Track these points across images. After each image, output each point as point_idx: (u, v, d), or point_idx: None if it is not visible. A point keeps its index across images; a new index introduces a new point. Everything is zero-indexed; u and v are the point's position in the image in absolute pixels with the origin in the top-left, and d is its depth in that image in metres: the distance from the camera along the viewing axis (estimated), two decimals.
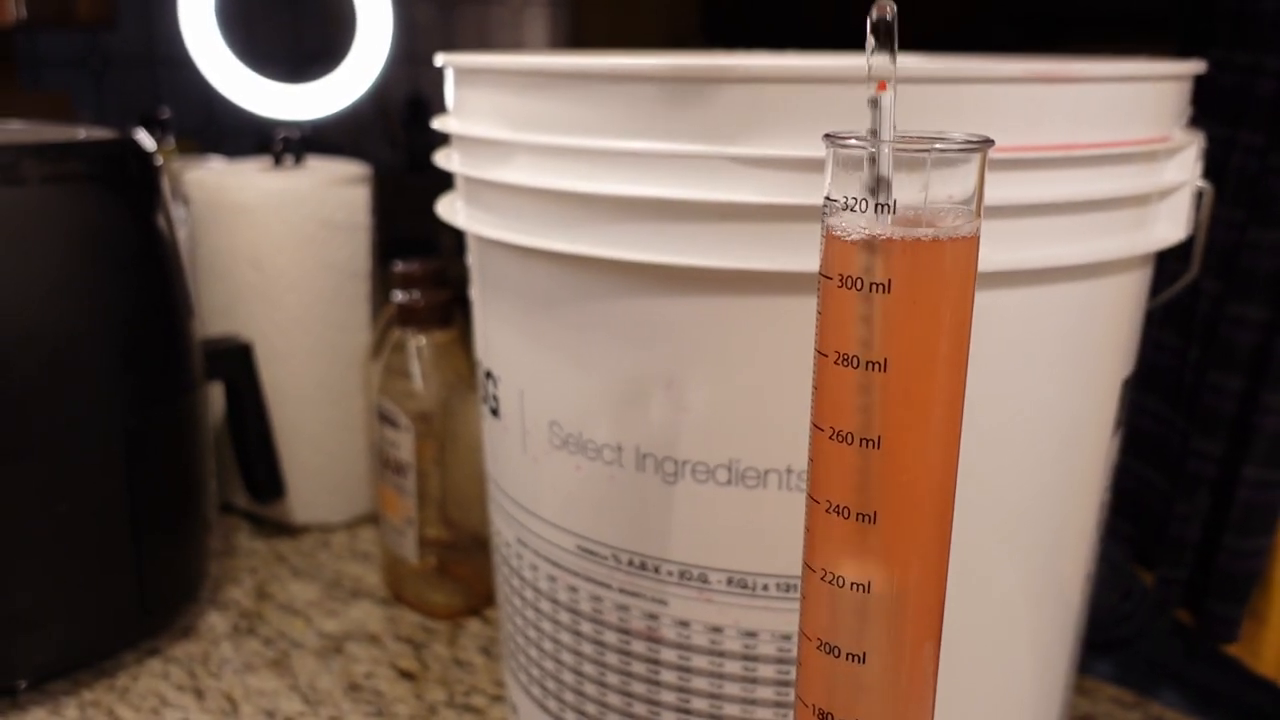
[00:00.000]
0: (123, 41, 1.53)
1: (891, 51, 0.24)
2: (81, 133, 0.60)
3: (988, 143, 0.24)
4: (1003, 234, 0.35)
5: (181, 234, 0.76)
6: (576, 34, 1.88)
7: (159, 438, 0.58)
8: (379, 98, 1.63)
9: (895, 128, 0.24)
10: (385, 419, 0.65)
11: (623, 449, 0.39)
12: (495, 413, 0.45)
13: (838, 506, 0.26)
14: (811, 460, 0.26)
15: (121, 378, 0.55)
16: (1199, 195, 0.42)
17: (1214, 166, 0.54)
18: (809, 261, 0.26)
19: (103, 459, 0.55)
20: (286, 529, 0.75)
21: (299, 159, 0.76)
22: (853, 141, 0.24)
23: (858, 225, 0.24)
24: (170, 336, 0.58)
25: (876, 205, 0.24)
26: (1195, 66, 0.39)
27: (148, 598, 0.59)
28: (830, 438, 0.26)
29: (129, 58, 1.56)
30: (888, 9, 0.25)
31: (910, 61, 0.35)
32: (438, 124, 0.44)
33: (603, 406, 0.39)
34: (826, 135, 0.25)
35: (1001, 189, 0.35)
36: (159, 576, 0.60)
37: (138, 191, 0.57)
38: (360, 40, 1.20)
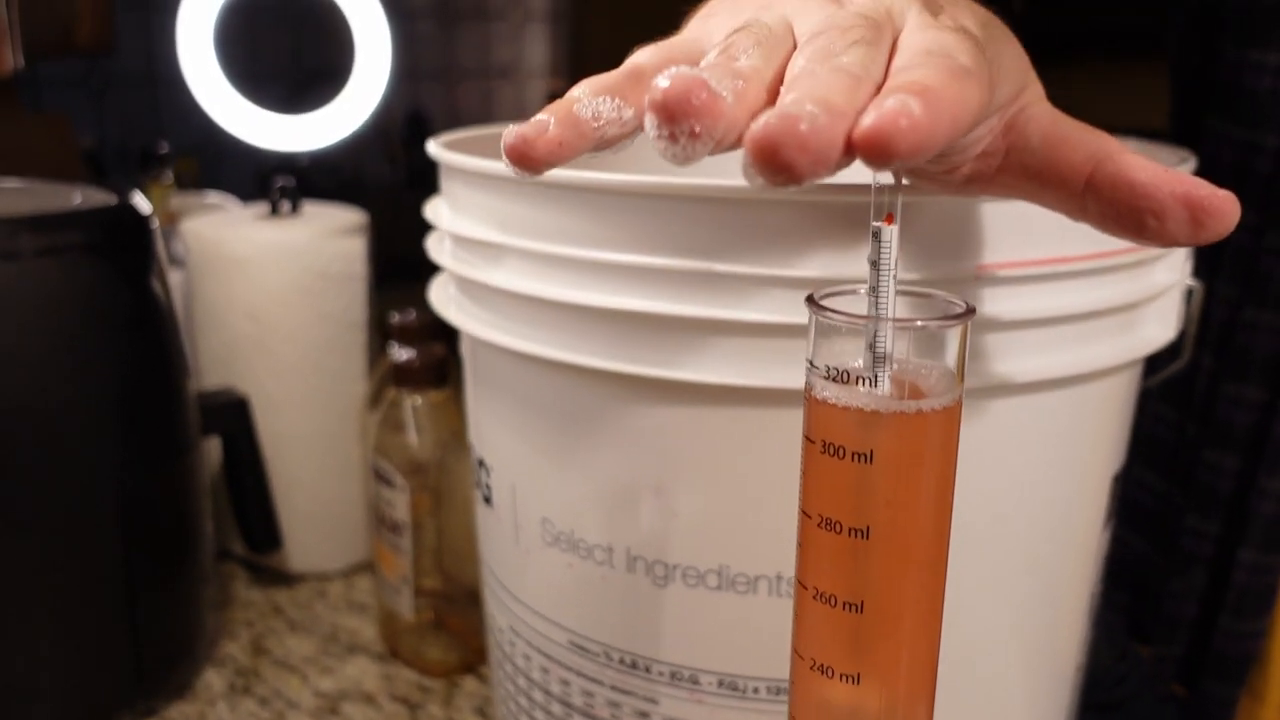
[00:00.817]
0: (123, 61, 1.53)
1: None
2: (77, 196, 0.60)
3: (969, 312, 0.24)
4: (990, 348, 0.35)
5: (177, 279, 0.76)
6: (577, 51, 1.88)
7: (154, 502, 0.58)
8: (379, 115, 1.63)
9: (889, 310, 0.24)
10: (380, 478, 0.65)
11: (614, 550, 0.39)
12: (488, 500, 0.45)
13: (822, 665, 0.26)
14: (796, 616, 0.26)
15: (116, 446, 0.55)
16: (1189, 293, 0.42)
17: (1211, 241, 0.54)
18: (799, 379, 0.26)
19: (97, 527, 0.55)
20: (284, 577, 0.75)
21: (295, 206, 0.76)
22: (834, 315, 0.24)
23: (841, 396, 0.24)
24: (165, 402, 0.58)
25: (859, 378, 0.24)
26: (1186, 169, 0.39)
27: (144, 660, 0.59)
28: (814, 597, 0.26)
29: (130, 77, 1.56)
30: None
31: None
32: (429, 213, 0.44)
33: (594, 508, 0.39)
34: (809, 299, 0.25)
35: (989, 304, 0.35)
36: (155, 638, 0.60)
37: (133, 258, 0.57)
38: (358, 74, 1.20)
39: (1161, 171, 0.26)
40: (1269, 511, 0.55)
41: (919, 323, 0.24)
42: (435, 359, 0.64)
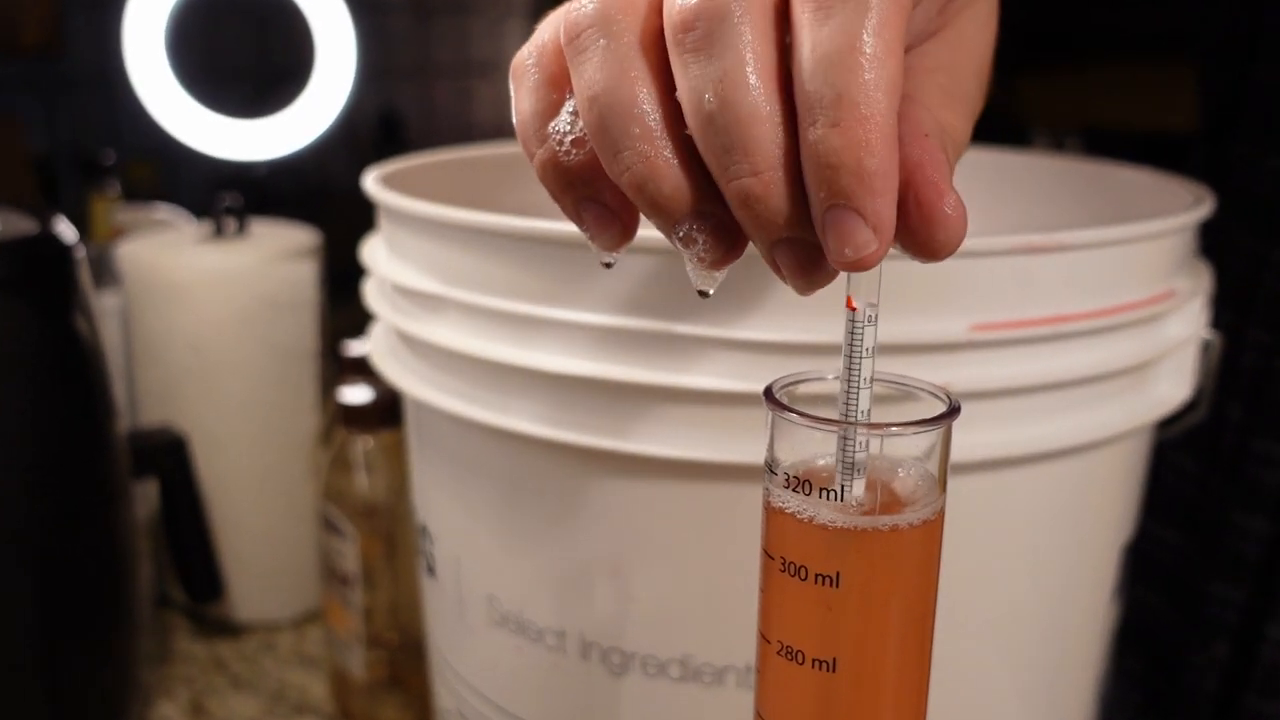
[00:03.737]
0: (77, 62, 1.50)
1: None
2: None
3: (953, 413, 0.22)
4: (986, 417, 0.33)
5: (118, 302, 0.74)
6: None
7: (78, 556, 0.55)
8: (348, 116, 1.60)
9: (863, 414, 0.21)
10: (329, 526, 0.62)
11: (566, 635, 0.37)
12: (432, 571, 0.42)
13: None
14: None
15: (31, 500, 0.52)
16: (1206, 346, 0.39)
17: (1242, 282, 0.51)
18: (759, 454, 0.24)
19: (9, 585, 0.52)
20: (228, 627, 0.73)
21: (243, 226, 0.73)
22: (795, 417, 0.22)
23: (803, 507, 0.22)
24: (89, 449, 0.56)
25: (823, 489, 0.22)
26: (1200, 212, 0.37)
27: None
28: None
29: (82, 77, 1.53)
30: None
31: None
32: (366, 255, 0.42)
33: (543, 588, 0.37)
34: (767, 393, 0.23)
35: (982, 368, 0.32)
36: (80, 702, 0.57)
37: (53, 294, 0.54)
38: (320, 74, 1.17)
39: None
40: None
41: (895, 429, 0.21)
42: (387, 397, 0.61)
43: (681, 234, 0.23)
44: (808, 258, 0.22)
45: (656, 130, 0.23)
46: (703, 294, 0.25)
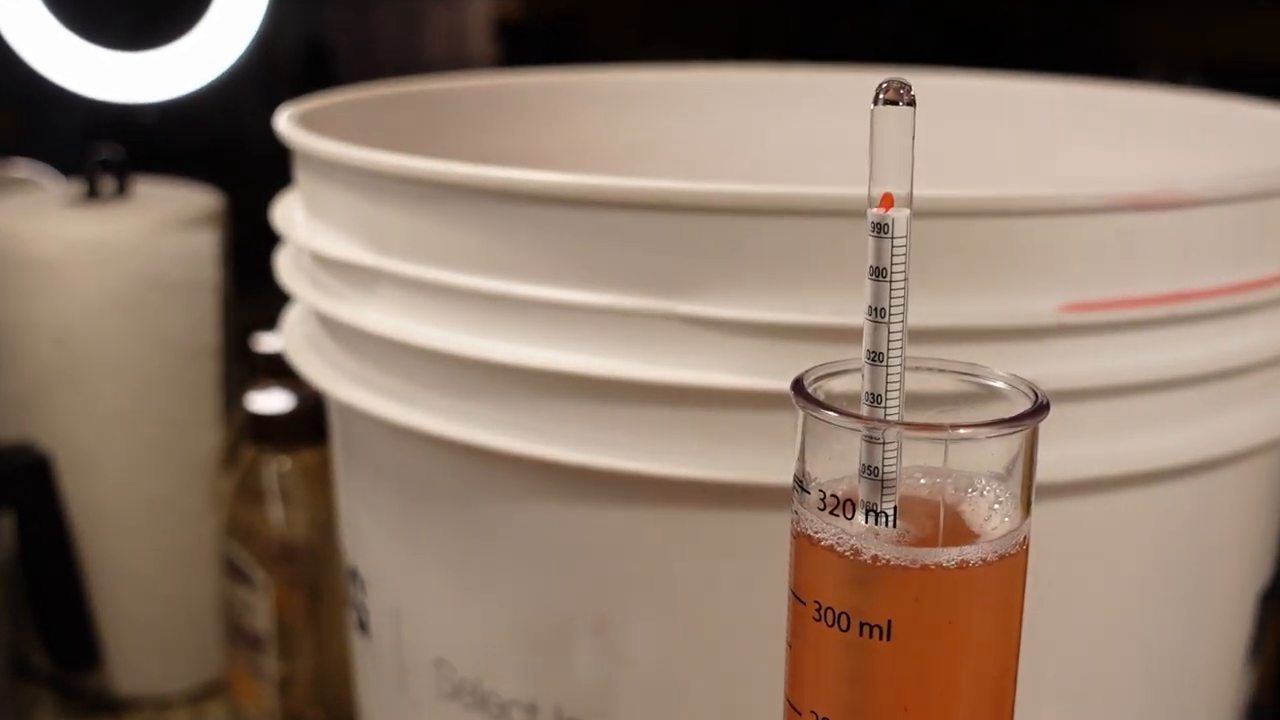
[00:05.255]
0: None
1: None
2: None
3: (1039, 412, 0.21)
4: (1080, 424, 0.33)
5: None
6: None
7: None
8: (262, 47, 1.60)
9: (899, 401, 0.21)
10: (235, 573, 0.62)
11: (538, 709, 0.37)
12: (364, 628, 0.43)
13: None
14: None
15: None
16: None
17: None
18: (788, 472, 0.24)
19: None
20: (107, 704, 0.73)
21: (123, 186, 0.73)
22: (834, 416, 0.21)
23: (843, 536, 0.21)
24: None
25: (871, 512, 0.21)
26: None
27: None
28: None
29: None
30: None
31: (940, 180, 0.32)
32: (278, 216, 0.41)
33: (509, 648, 0.37)
34: (796, 387, 0.22)
35: (1076, 362, 0.32)
36: None
37: None
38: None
39: None
40: None
41: (964, 431, 0.21)
42: (309, 405, 0.61)
43: None
44: None
45: None
46: None
